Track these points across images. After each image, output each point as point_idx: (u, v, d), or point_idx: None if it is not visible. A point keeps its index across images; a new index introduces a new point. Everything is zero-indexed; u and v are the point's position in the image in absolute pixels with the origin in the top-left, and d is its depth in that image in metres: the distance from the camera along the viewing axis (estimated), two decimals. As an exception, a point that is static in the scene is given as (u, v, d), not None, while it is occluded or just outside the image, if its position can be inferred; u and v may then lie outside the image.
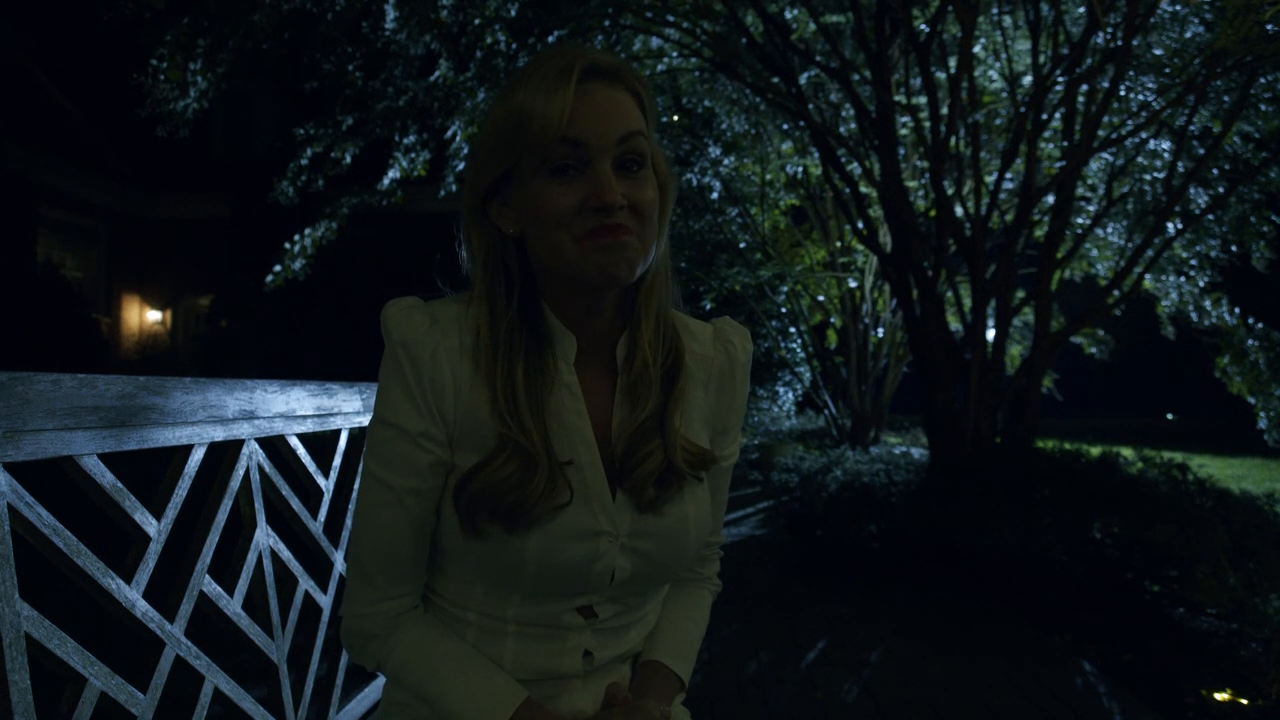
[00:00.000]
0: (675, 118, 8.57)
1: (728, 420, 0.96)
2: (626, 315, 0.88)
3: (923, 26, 5.63)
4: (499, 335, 0.81)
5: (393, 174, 6.94)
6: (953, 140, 5.19)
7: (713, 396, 0.94)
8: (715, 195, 8.77)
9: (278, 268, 7.19)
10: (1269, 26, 3.76)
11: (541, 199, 0.77)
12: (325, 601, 1.39)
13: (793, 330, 9.65)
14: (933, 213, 5.83)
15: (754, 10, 5.55)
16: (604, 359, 0.88)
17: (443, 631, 0.86)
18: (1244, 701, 2.49)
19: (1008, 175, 5.77)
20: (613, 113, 0.78)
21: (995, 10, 5.95)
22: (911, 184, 7.55)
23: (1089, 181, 6.91)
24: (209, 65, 5.94)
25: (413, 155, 6.83)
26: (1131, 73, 5.11)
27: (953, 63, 5.51)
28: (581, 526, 0.82)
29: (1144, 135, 5.49)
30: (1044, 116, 5.06)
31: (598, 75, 0.80)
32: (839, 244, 9.21)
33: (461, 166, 6.43)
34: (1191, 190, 5.81)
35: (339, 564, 1.44)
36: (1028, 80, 5.90)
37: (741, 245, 8.97)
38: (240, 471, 1.15)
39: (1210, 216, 6.12)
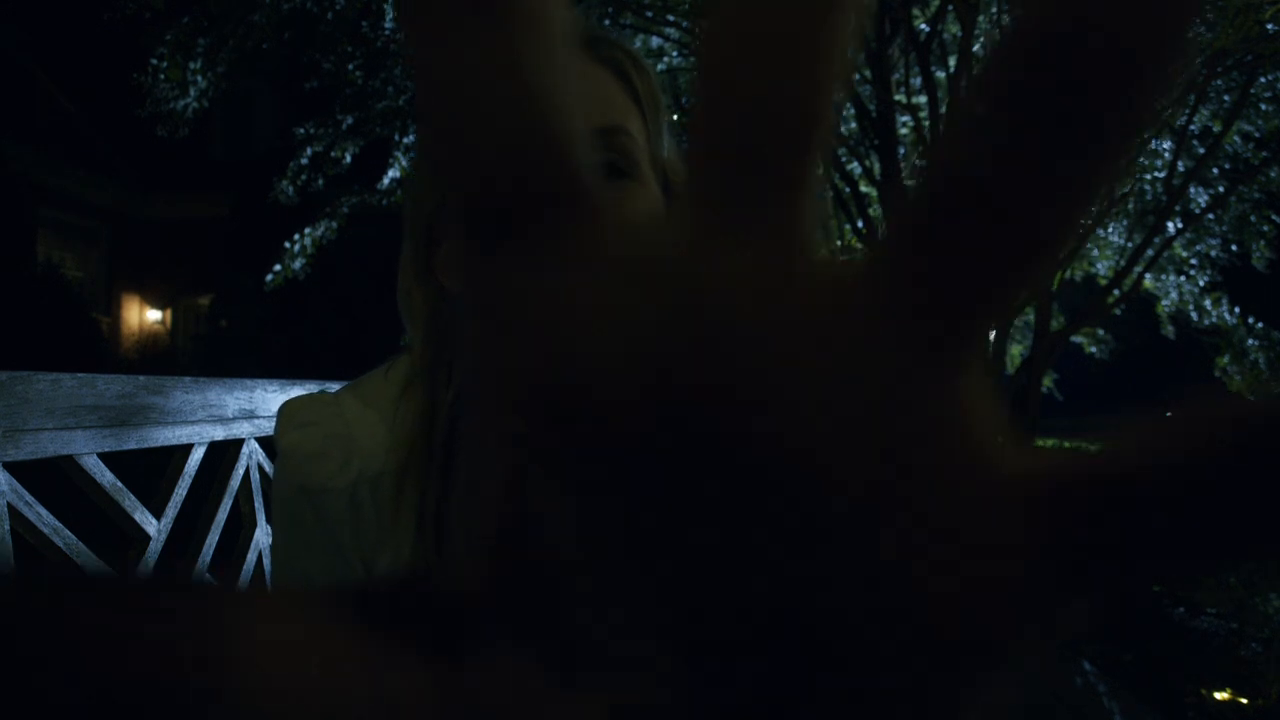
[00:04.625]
0: (675, 117, 8.58)
1: None
2: None
3: (923, 26, 5.62)
4: (433, 443, 0.59)
5: (393, 173, 6.94)
6: (953, 140, 5.18)
7: None
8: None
9: (278, 267, 7.20)
10: (1269, 26, 3.76)
11: None
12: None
13: (793, 330, 9.66)
14: (933, 212, 5.82)
15: (754, 10, 5.55)
16: None
17: None
18: (1244, 701, 2.49)
19: (1008, 175, 5.76)
20: None
21: (995, 9, 5.95)
22: (911, 184, 7.55)
23: (1089, 181, 6.90)
24: (209, 65, 5.94)
25: (413, 155, 6.83)
26: (1131, 72, 5.10)
27: (953, 62, 5.51)
28: None
29: (1144, 135, 5.49)
30: (1044, 116, 5.06)
31: None
32: (839, 244, 9.20)
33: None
34: (1191, 190, 5.81)
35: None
36: (1028, 80, 5.88)
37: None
38: (240, 471, 1.15)
39: (1210, 216, 6.13)
